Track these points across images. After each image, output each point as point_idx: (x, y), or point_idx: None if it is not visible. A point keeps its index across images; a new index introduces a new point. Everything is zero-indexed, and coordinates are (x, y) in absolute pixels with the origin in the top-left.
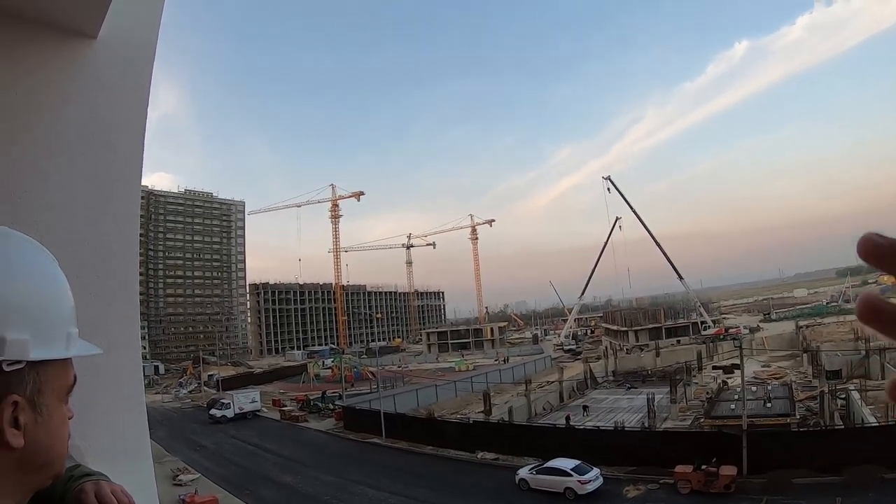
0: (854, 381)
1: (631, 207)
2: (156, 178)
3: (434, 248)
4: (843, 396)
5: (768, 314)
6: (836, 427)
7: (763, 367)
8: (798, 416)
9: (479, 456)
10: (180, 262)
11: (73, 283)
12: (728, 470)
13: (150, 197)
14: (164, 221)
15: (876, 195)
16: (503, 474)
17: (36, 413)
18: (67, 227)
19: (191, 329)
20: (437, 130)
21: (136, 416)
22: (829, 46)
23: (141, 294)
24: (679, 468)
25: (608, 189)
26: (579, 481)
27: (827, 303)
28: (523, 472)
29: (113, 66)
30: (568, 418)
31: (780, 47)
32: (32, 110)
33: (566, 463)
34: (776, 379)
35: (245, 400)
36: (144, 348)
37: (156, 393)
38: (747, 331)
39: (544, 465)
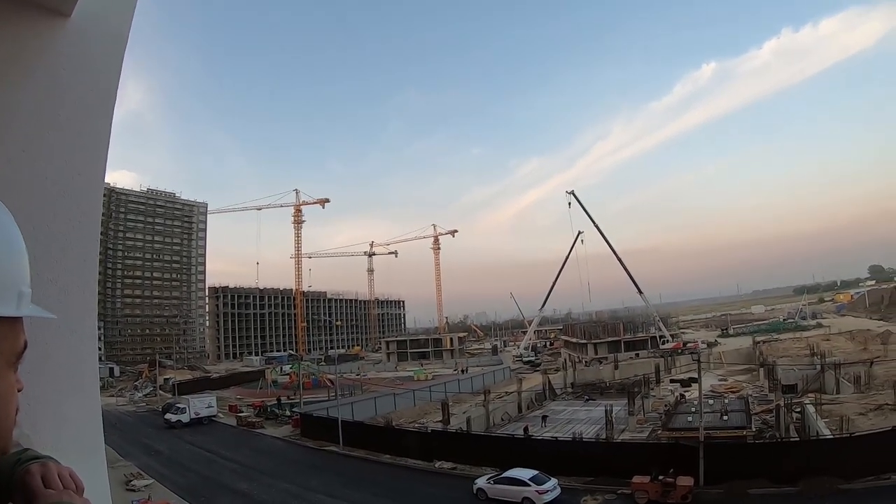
0: (809, 395)
1: (593, 222)
2: (118, 176)
3: (396, 256)
4: (798, 410)
5: (726, 329)
6: (791, 439)
7: (720, 380)
8: (754, 429)
9: (436, 465)
10: (139, 262)
11: (31, 267)
12: (685, 481)
13: (112, 195)
14: (124, 220)
15: (833, 216)
16: (461, 484)
17: None
18: (28, 205)
19: (148, 331)
20: (405, 140)
21: (90, 408)
22: (795, 71)
23: (98, 294)
24: (636, 479)
25: (569, 204)
26: (537, 491)
27: (784, 319)
28: (481, 482)
29: (85, 46)
30: (526, 429)
31: (747, 70)
32: (1, 83)
33: (524, 473)
34: (733, 392)
35: (201, 405)
36: (100, 349)
37: (110, 395)
38: (705, 345)
39: (502, 475)
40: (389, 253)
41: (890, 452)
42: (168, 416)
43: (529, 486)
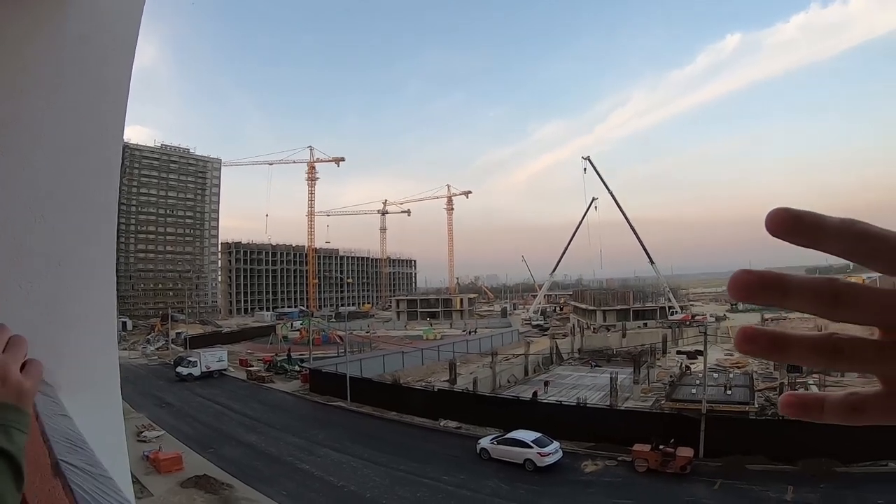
0: (814, 375)
1: (608, 189)
2: (132, 132)
3: (409, 215)
4: (802, 389)
5: (735, 304)
6: (792, 418)
7: (726, 355)
8: (757, 406)
9: (441, 424)
10: (153, 217)
11: (59, 217)
12: (685, 451)
13: (126, 150)
14: (138, 176)
15: (850, 199)
16: (465, 443)
17: None
18: (51, 158)
19: (160, 286)
20: (422, 99)
21: (108, 353)
22: (821, 48)
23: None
24: (637, 447)
25: (584, 170)
26: (539, 453)
27: None
28: (484, 442)
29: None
30: (535, 394)
31: (773, 44)
32: (21, 40)
33: (527, 435)
34: (738, 368)
35: (212, 359)
36: None
37: (123, 349)
38: (713, 319)
39: (505, 436)
40: (402, 212)
41: (888, 438)
42: (179, 369)
43: (532, 448)
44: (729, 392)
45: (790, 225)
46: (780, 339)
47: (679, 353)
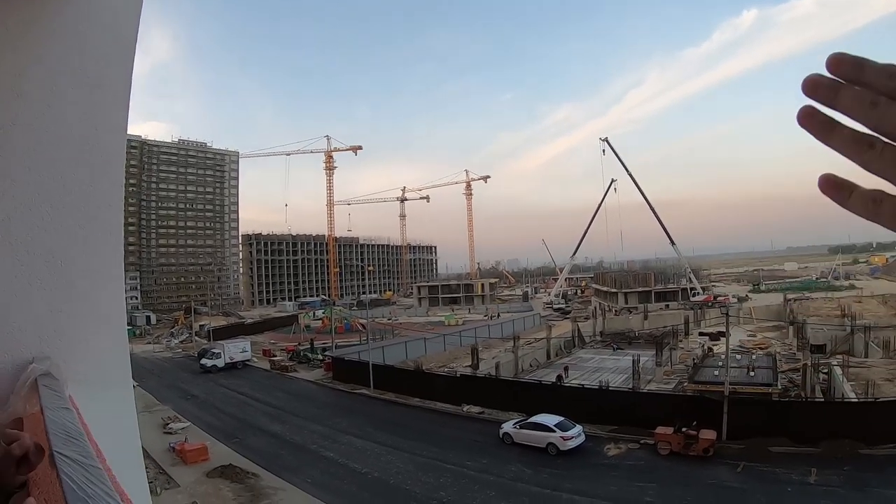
0: (837, 356)
1: (627, 171)
2: (149, 128)
3: (428, 201)
4: (825, 371)
5: (757, 285)
6: (816, 400)
7: (749, 336)
8: (780, 387)
9: (464, 409)
10: (173, 212)
11: (58, 214)
12: (708, 434)
13: (144, 147)
14: (157, 171)
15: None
16: (488, 428)
17: None
18: (54, 155)
19: (182, 279)
20: (435, 84)
21: (118, 344)
22: (839, 22)
23: (133, 244)
24: (660, 430)
25: (603, 151)
26: (562, 437)
27: (816, 278)
28: (507, 427)
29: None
30: (560, 377)
31: (789, 19)
32: (19, 40)
33: (550, 419)
34: (761, 349)
35: (235, 350)
36: (136, 298)
37: (147, 343)
38: (735, 300)
39: (528, 421)
40: (421, 198)
41: None
42: (203, 361)
43: (554, 431)
44: (752, 374)
45: (841, 62)
46: (829, 123)
47: (701, 334)
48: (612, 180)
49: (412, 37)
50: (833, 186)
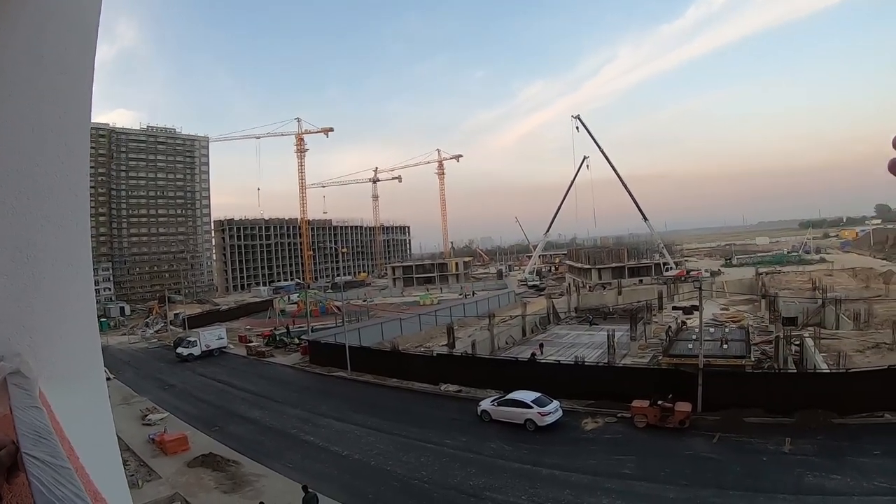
0: (809, 328)
1: (599, 147)
2: (116, 116)
3: (400, 181)
4: (797, 343)
5: (730, 259)
6: (789, 371)
7: (722, 309)
8: (753, 359)
9: (442, 388)
10: (143, 200)
11: (24, 204)
12: (683, 406)
13: (112, 135)
14: (125, 160)
15: (843, 153)
16: (466, 406)
17: None
18: (16, 144)
19: (155, 268)
20: (406, 64)
21: (89, 337)
22: (813, 0)
23: (104, 235)
24: (636, 403)
25: (577, 128)
26: (539, 413)
27: (788, 252)
28: (485, 404)
29: None
30: (534, 355)
31: None
32: None
33: (527, 395)
34: (734, 322)
35: (211, 337)
36: (109, 290)
37: (122, 334)
38: (708, 274)
39: (505, 398)
40: (394, 178)
41: (884, 391)
42: (179, 350)
43: (532, 408)
44: (725, 346)
45: None
46: None
47: (675, 308)
48: (585, 157)
49: (383, 17)
50: None
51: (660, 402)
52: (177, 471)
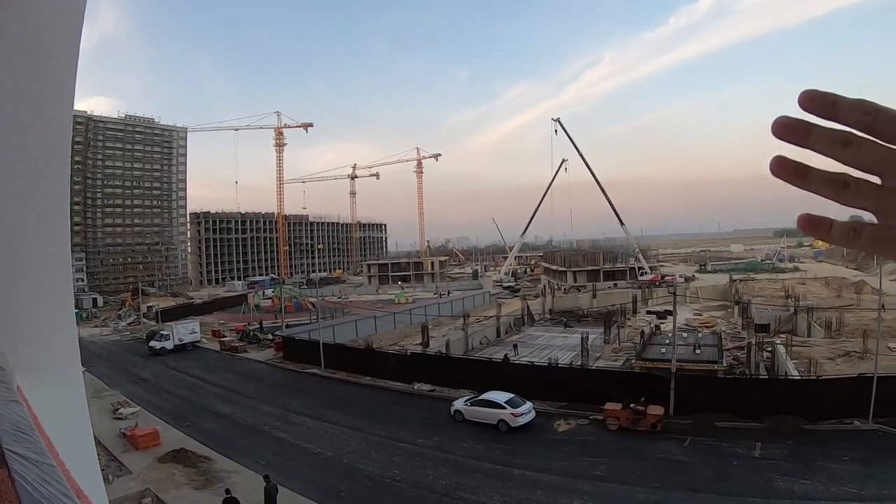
0: (781, 335)
1: (578, 151)
2: (95, 103)
3: (378, 178)
4: (769, 349)
5: (704, 265)
6: (761, 377)
7: (695, 315)
8: (725, 364)
9: (415, 387)
10: (119, 190)
11: (4, 195)
12: (655, 409)
13: (89, 123)
14: (102, 148)
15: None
16: (439, 405)
17: None
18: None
19: (129, 260)
20: (389, 62)
21: (67, 328)
22: (796, 12)
23: (78, 224)
24: (609, 405)
25: (556, 131)
26: (512, 414)
27: (762, 260)
28: (458, 404)
29: None
30: (507, 356)
31: (746, 6)
32: None
33: (500, 396)
34: (707, 327)
35: (184, 331)
36: (82, 280)
37: (94, 326)
38: (682, 280)
39: (479, 398)
40: (372, 175)
41: (854, 398)
42: (152, 343)
43: (505, 408)
44: (698, 351)
45: (812, 99)
46: (802, 170)
47: (649, 312)
48: (563, 160)
49: (368, 14)
50: (812, 226)
51: (632, 406)
52: (148, 466)
